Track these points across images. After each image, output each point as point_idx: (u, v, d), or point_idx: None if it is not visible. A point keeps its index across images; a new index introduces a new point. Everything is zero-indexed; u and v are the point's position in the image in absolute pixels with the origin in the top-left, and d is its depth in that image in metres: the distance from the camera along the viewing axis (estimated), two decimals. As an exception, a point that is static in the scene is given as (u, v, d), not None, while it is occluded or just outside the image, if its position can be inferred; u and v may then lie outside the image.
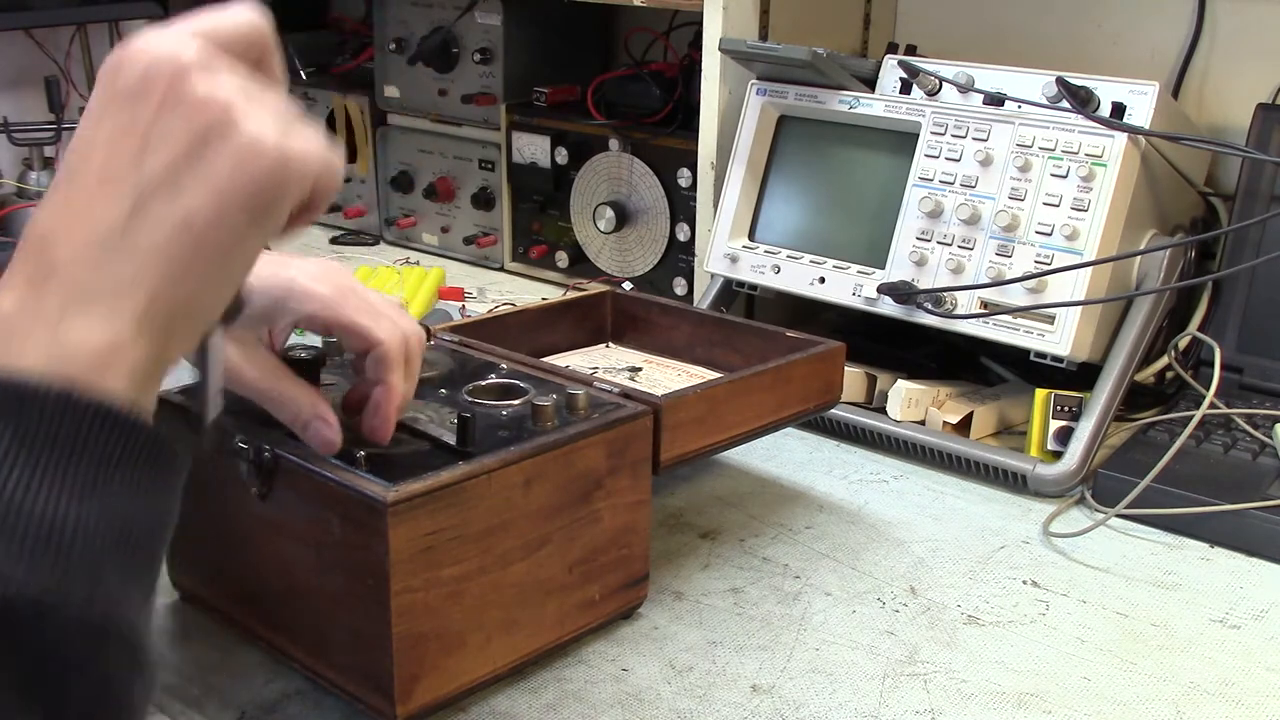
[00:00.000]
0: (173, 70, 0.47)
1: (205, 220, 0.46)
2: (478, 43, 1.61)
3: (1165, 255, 1.08)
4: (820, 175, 1.22)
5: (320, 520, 0.70)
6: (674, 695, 0.75)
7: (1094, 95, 1.06)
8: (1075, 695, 0.76)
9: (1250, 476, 0.99)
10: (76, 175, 0.46)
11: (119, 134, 0.46)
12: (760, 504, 1.01)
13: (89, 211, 0.46)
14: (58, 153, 1.84)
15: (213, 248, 0.47)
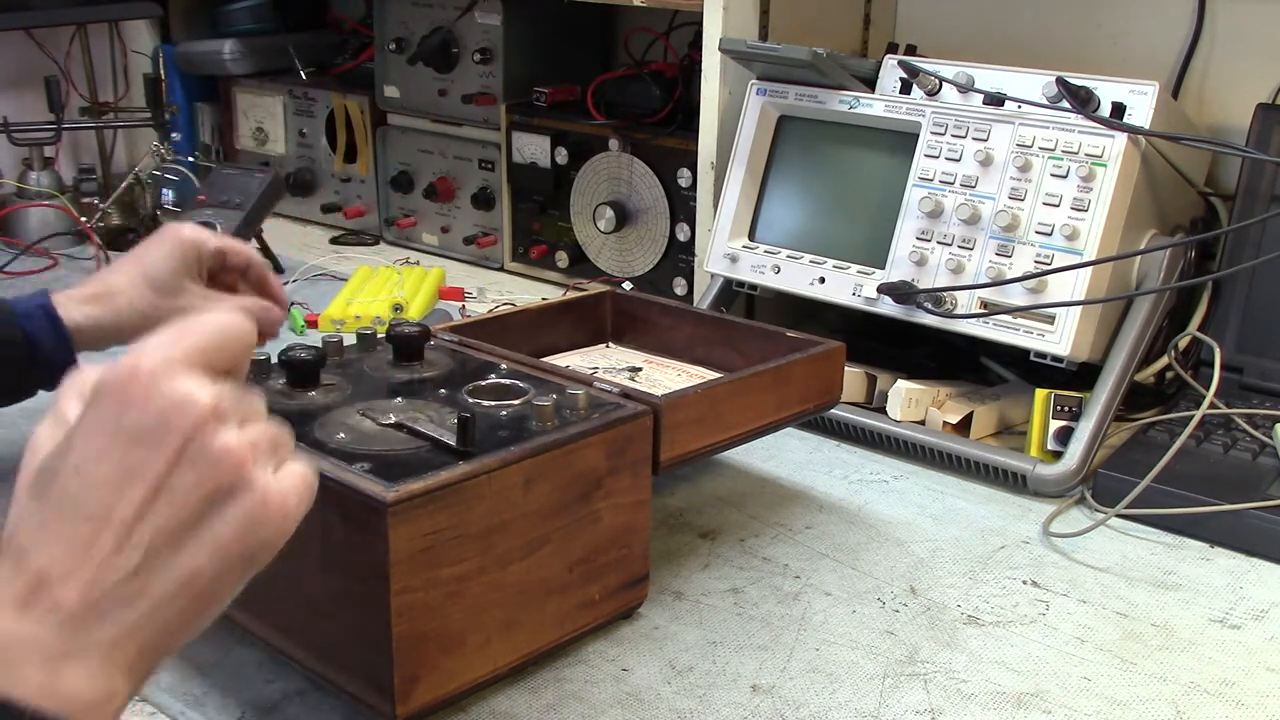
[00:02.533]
0: (190, 422, 0.48)
1: (208, 578, 0.48)
2: (478, 43, 1.61)
3: (1165, 255, 1.08)
4: (820, 175, 1.22)
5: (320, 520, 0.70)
6: (674, 695, 0.75)
7: (1094, 95, 1.06)
8: (1075, 695, 0.76)
9: (1250, 476, 0.99)
10: (80, 508, 0.47)
11: (128, 477, 0.47)
12: (760, 504, 1.01)
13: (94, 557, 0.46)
14: (57, 153, 1.84)
15: (209, 599, 0.49)
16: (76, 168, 1.87)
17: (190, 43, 1.92)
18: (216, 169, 1.63)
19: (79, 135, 1.99)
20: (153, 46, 1.94)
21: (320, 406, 0.81)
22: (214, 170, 1.63)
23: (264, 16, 1.90)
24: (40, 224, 1.70)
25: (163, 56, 1.90)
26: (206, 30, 1.94)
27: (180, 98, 1.94)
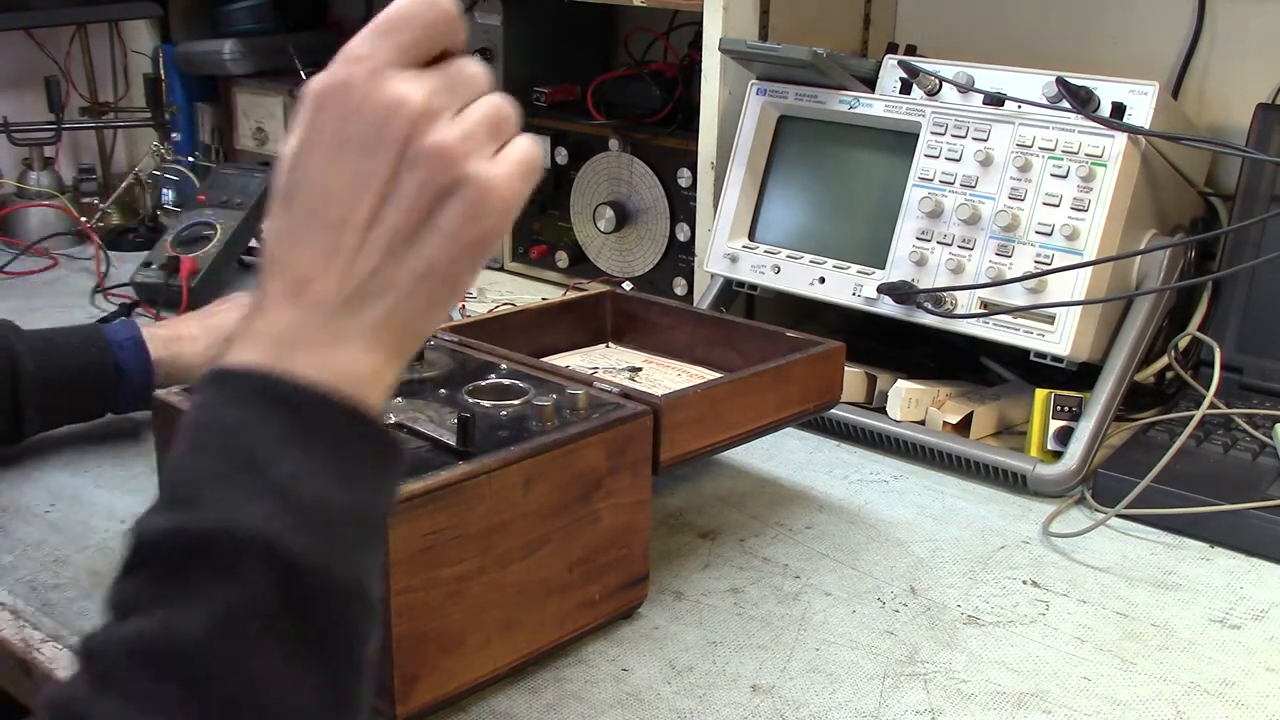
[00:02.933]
0: (404, 127, 0.51)
1: (444, 266, 0.52)
2: (478, 43, 1.61)
3: (1165, 255, 1.08)
4: (820, 175, 1.22)
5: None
6: (674, 695, 0.75)
7: (1094, 95, 1.06)
8: (1075, 695, 0.76)
9: (1250, 476, 0.99)
10: (320, 217, 0.51)
11: (356, 186, 0.51)
12: (760, 504, 1.01)
13: (342, 259, 0.51)
14: (57, 153, 1.84)
15: (447, 286, 0.53)
16: (76, 168, 1.87)
17: (190, 43, 1.92)
18: (216, 169, 1.63)
19: (79, 135, 1.99)
20: (153, 46, 1.93)
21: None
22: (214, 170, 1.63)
23: (264, 16, 1.90)
24: (40, 224, 1.70)
25: (163, 56, 1.90)
26: (206, 30, 1.94)
27: (180, 98, 1.94)
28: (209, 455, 0.48)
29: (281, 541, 0.46)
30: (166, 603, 0.45)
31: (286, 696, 0.45)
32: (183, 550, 0.46)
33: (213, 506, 0.46)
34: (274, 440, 0.48)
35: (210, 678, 0.44)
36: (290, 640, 0.46)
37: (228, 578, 0.45)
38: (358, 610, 0.48)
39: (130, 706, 0.44)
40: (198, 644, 0.44)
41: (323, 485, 0.48)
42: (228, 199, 1.52)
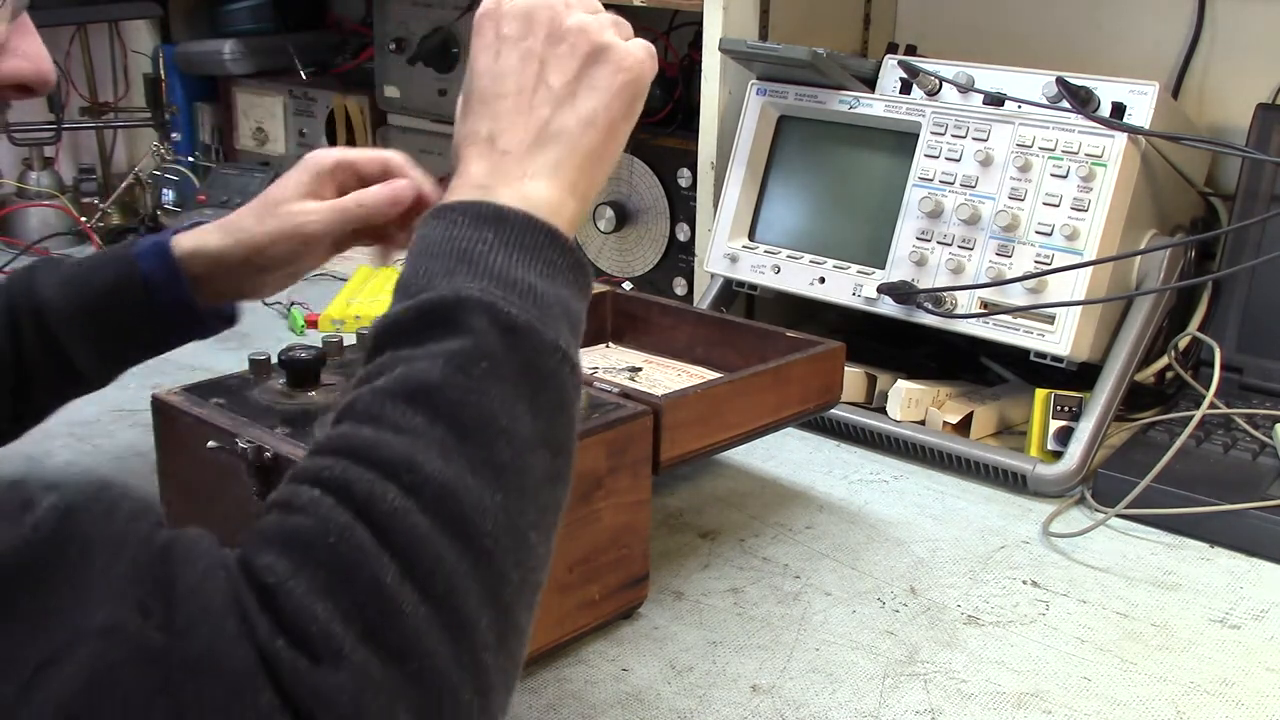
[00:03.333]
0: (549, 13, 0.67)
1: (602, 115, 0.66)
2: (478, 43, 1.61)
3: (1165, 255, 1.09)
4: (820, 175, 1.22)
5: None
6: (674, 695, 0.75)
7: (1094, 95, 1.06)
8: (1075, 695, 0.76)
9: (1250, 476, 0.99)
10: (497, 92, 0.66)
11: (519, 63, 0.66)
12: (760, 504, 1.01)
13: (520, 116, 0.65)
14: (57, 153, 1.85)
15: (607, 134, 0.66)
16: (76, 168, 1.87)
17: (190, 43, 1.92)
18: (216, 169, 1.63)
19: (79, 135, 1.99)
20: (153, 46, 1.93)
21: (320, 406, 0.82)
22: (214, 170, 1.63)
23: (264, 16, 1.90)
24: (40, 224, 1.70)
25: (163, 56, 1.90)
26: (206, 30, 1.94)
27: (180, 98, 1.94)
28: (433, 260, 0.59)
29: (499, 305, 0.56)
30: (408, 360, 0.55)
31: (512, 426, 0.54)
32: (420, 318, 0.56)
33: (442, 286, 0.57)
34: (486, 244, 0.59)
35: (450, 405, 0.53)
36: (511, 381, 0.55)
37: (458, 330, 0.55)
38: (565, 370, 0.58)
39: (386, 430, 0.52)
40: (438, 381, 0.54)
41: (528, 275, 0.59)
42: (228, 199, 1.52)
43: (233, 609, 0.47)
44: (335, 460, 0.52)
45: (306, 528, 0.50)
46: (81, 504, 0.48)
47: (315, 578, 0.48)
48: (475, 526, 0.51)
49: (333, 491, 0.50)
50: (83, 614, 0.45)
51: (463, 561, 0.50)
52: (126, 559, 0.47)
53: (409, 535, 0.49)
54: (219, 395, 0.82)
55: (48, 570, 0.46)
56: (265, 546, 0.50)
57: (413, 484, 0.51)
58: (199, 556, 0.49)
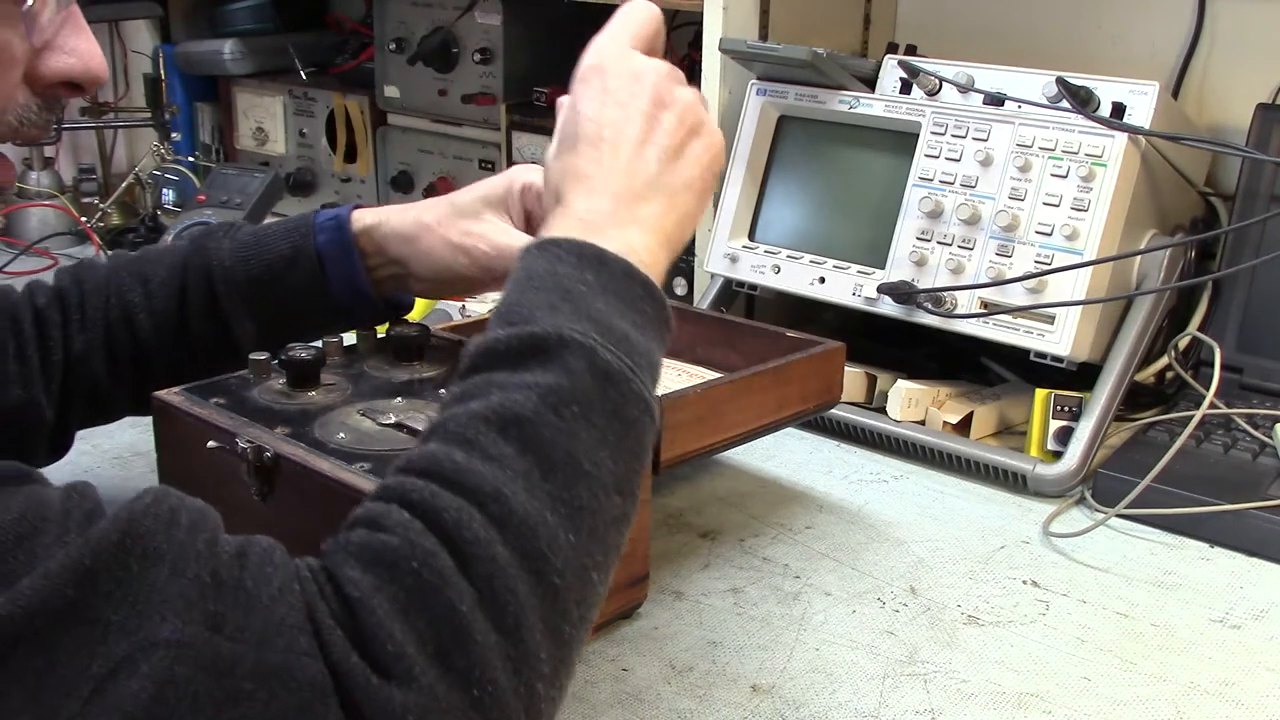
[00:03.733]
0: (656, 78, 0.71)
1: (697, 183, 0.70)
2: (478, 43, 1.61)
3: (1165, 255, 1.09)
4: (820, 175, 1.22)
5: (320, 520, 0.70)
6: (674, 695, 0.75)
7: (1094, 95, 1.06)
8: (1075, 695, 0.76)
9: (1250, 476, 0.99)
10: (601, 138, 0.68)
11: (629, 117, 0.69)
12: (760, 504, 1.01)
13: (630, 166, 0.68)
14: (57, 153, 1.85)
15: (699, 199, 0.70)
16: (76, 168, 1.87)
17: (190, 43, 1.92)
18: (216, 169, 1.63)
19: (79, 135, 1.99)
20: (153, 46, 1.94)
21: (320, 406, 0.82)
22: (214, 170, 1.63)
23: (264, 16, 1.90)
24: (40, 224, 1.70)
25: (163, 56, 1.90)
26: (206, 30, 1.94)
27: (180, 98, 1.94)
28: (537, 293, 0.61)
29: (598, 351, 0.58)
30: (503, 386, 0.57)
31: (594, 470, 0.56)
32: (521, 348, 0.58)
33: (545, 322, 0.59)
34: (588, 287, 0.61)
35: (541, 442, 0.55)
36: (599, 428, 0.57)
37: (556, 368, 0.57)
38: (647, 421, 0.60)
39: (476, 457, 0.54)
40: (531, 416, 0.55)
41: (623, 323, 0.61)
42: (228, 199, 1.52)
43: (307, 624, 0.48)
44: (426, 483, 0.53)
45: (393, 547, 0.51)
46: (141, 513, 0.48)
47: (396, 598, 0.49)
48: (549, 563, 0.53)
49: (421, 515, 0.52)
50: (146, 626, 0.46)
51: (533, 596, 0.52)
52: (191, 571, 0.48)
53: (489, 566, 0.51)
54: (219, 395, 0.82)
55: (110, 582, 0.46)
56: (351, 560, 0.51)
57: (498, 515, 0.52)
58: (274, 569, 0.50)
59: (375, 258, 0.89)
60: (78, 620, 0.45)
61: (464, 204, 0.89)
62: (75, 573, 0.45)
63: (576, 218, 0.66)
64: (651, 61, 0.71)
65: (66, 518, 0.48)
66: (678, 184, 0.69)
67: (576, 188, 0.67)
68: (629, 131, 0.69)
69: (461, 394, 0.58)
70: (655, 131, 0.69)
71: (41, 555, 0.46)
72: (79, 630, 0.45)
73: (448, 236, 0.87)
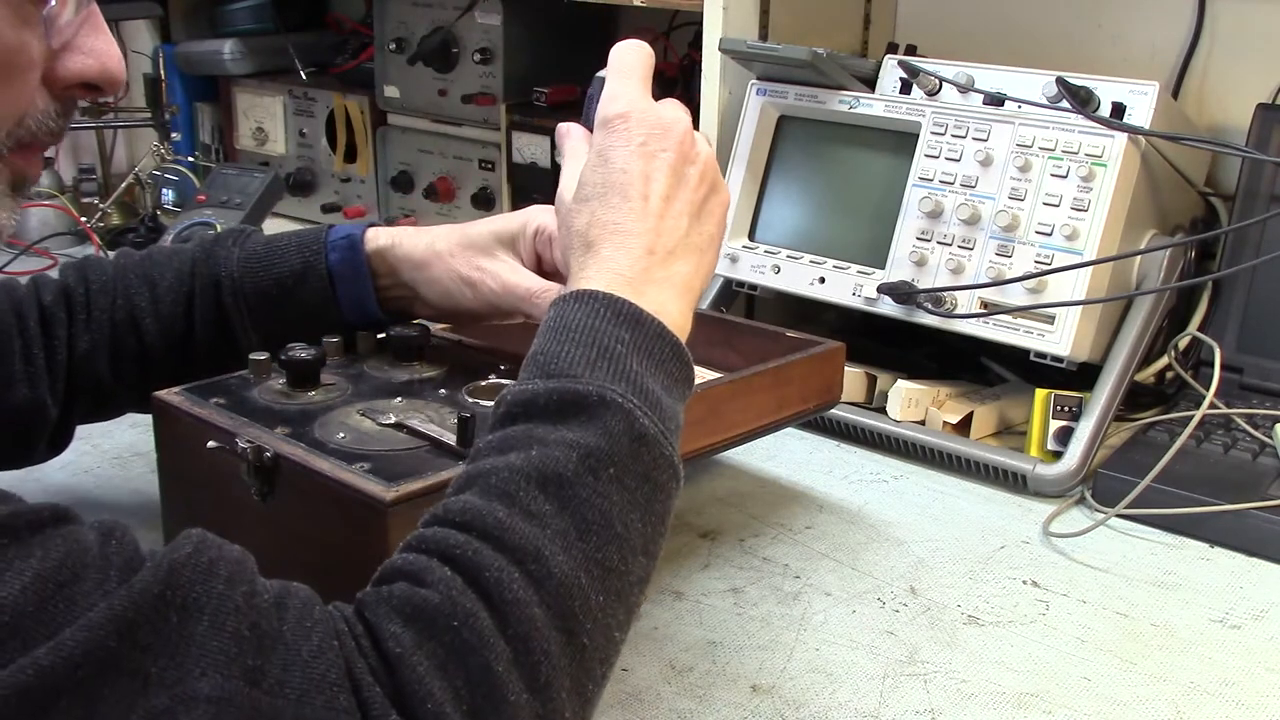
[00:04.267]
0: (682, 131, 0.71)
1: (717, 238, 0.72)
2: (478, 43, 1.61)
3: (1165, 255, 1.09)
4: (820, 175, 1.22)
5: (320, 520, 0.70)
6: (674, 695, 0.75)
7: (1094, 95, 1.06)
8: (1075, 695, 0.76)
9: (1250, 476, 0.99)
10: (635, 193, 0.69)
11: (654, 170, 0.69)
12: (760, 504, 1.01)
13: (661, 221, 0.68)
14: (57, 153, 1.84)
15: (714, 255, 0.72)
16: (76, 168, 1.87)
17: (190, 43, 1.92)
18: (216, 169, 1.63)
19: (79, 135, 1.99)
20: (153, 46, 1.93)
21: (320, 406, 0.82)
22: (214, 170, 1.63)
23: (264, 16, 1.90)
24: (40, 224, 1.70)
25: (163, 56, 1.90)
26: (206, 30, 1.94)
27: (180, 98, 1.94)
28: (575, 347, 0.61)
29: (636, 414, 0.59)
30: (543, 442, 0.57)
31: (625, 532, 0.57)
32: (562, 404, 0.59)
33: (587, 379, 0.60)
34: (624, 346, 0.62)
35: (579, 503, 0.56)
36: (631, 490, 0.58)
37: (597, 428, 0.58)
38: (674, 485, 0.61)
39: (517, 514, 0.54)
40: (570, 476, 0.56)
41: (656, 387, 0.62)
42: (227, 199, 1.52)
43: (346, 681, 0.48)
44: (468, 539, 0.54)
45: (434, 604, 0.51)
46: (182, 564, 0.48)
47: (435, 654, 0.50)
48: (579, 623, 0.54)
49: (462, 571, 0.52)
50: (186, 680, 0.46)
51: (564, 656, 0.53)
52: (230, 625, 0.47)
53: (526, 626, 0.52)
54: (219, 395, 0.82)
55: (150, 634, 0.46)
56: (393, 615, 0.51)
57: (538, 575, 0.53)
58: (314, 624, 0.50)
59: (386, 279, 0.90)
60: (119, 672, 0.45)
61: (477, 237, 0.89)
62: (118, 624, 0.45)
63: (614, 272, 0.66)
64: (676, 113, 0.72)
65: (107, 564, 0.47)
66: (703, 241, 0.70)
67: (610, 240, 0.67)
68: (658, 187, 0.69)
69: (500, 444, 0.58)
70: (683, 188, 0.70)
71: (81, 604, 0.45)
72: (120, 682, 0.45)
73: (458, 269, 0.88)
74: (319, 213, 1.84)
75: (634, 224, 0.68)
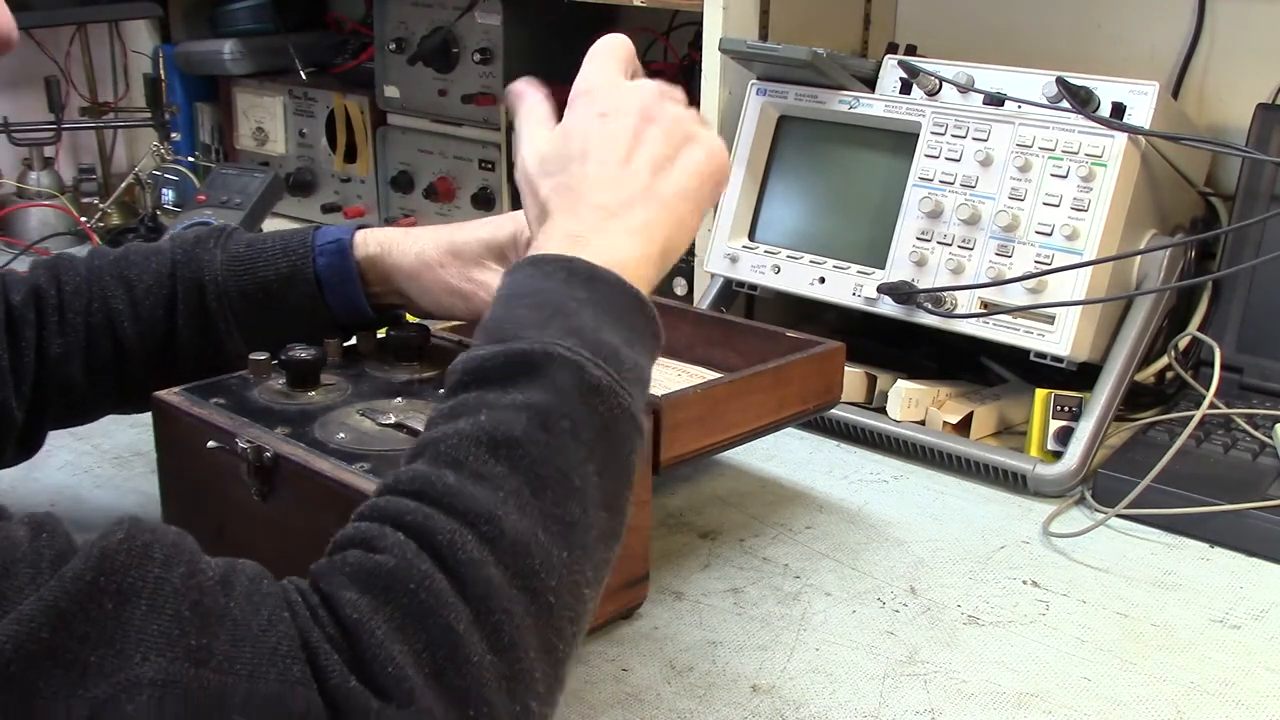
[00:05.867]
0: (644, 98, 0.71)
1: (692, 191, 0.70)
2: (478, 43, 1.61)
3: (1165, 255, 1.08)
4: (820, 175, 1.22)
5: (320, 520, 0.70)
6: (674, 695, 0.75)
7: (1094, 95, 1.06)
8: (1075, 695, 0.76)
9: (1250, 476, 0.99)
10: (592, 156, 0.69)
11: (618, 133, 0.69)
12: (760, 504, 1.01)
13: (619, 178, 0.68)
14: (57, 153, 1.85)
15: (692, 208, 0.70)
16: (76, 168, 1.87)
17: (190, 43, 1.92)
18: (216, 169, 1.63)
19: (79, 135, 2.00)
20: (153, 46, 1.93)
21: (320, 406, 0.82)
22: (214, 170, 1.63)
23: (264, 16, 1.90)
24: (40, 224, 1.70)
25: (163, 56, 1.90)
26: (206, 30, 1.94)
27: (180, 98, 1.94)
28: (525, 310, 0.61)
29: (585, 367, 0.58)
30: (492, 406, 0.57)
31: (583, 486, 0.56)
32: (508, 365, 0.58)
33: (533, 339, 0.59)
34: (576, 302, 0.61)
35: (531, 460, 0.55)
36: (588, 443, 0.57)
37: (544, 385, 0.57)
38: (635, 436, 0.61)
39: (467, 479, 0.54)
40: (520, 435, 0.55)
41: (612, 339, 0.61)
42: (227, 199, 1.52)
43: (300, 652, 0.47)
44: (418, 505, 0.53)
45: (389, 569, 0.51)
46: (114, 550, 0.48)
47: (393, 619, 0.49)
48: (542, 581, 0.53)
49: (415, 537, 0.52)
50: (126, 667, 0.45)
51: (528, 615, 0.52)
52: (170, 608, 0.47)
53: (484, 586, 0.51)
54: (219, 395, 0.82)
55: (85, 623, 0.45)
56: (348, 583, 0.51)
57: (490, 535, 0.52)
58: (262, 597, 0.49)
59: (378, 286, 0.90)
60: (55, 663, 0.44)
61: (466, 246, 0.88)
62: (49, 614, 0.44)
63: (566, 233, 0.66)
64: (640, 81, 0.73)
65: (39, 557, 0.47)
66: (670, 192, 0.69)
67: (562, 204, 0.68)
68: (617, 145, 0.69)
69: (450, 412, 0.58)
70: (643, 143, 0.69)
71: (13, 598, 0.45)
72: (55, 674, 0.44)
73: (448, 280, 0.88)
74: (319, 213, 1.84)
75: (586, 184, 0.68)
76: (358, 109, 1.78)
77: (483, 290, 0.87)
